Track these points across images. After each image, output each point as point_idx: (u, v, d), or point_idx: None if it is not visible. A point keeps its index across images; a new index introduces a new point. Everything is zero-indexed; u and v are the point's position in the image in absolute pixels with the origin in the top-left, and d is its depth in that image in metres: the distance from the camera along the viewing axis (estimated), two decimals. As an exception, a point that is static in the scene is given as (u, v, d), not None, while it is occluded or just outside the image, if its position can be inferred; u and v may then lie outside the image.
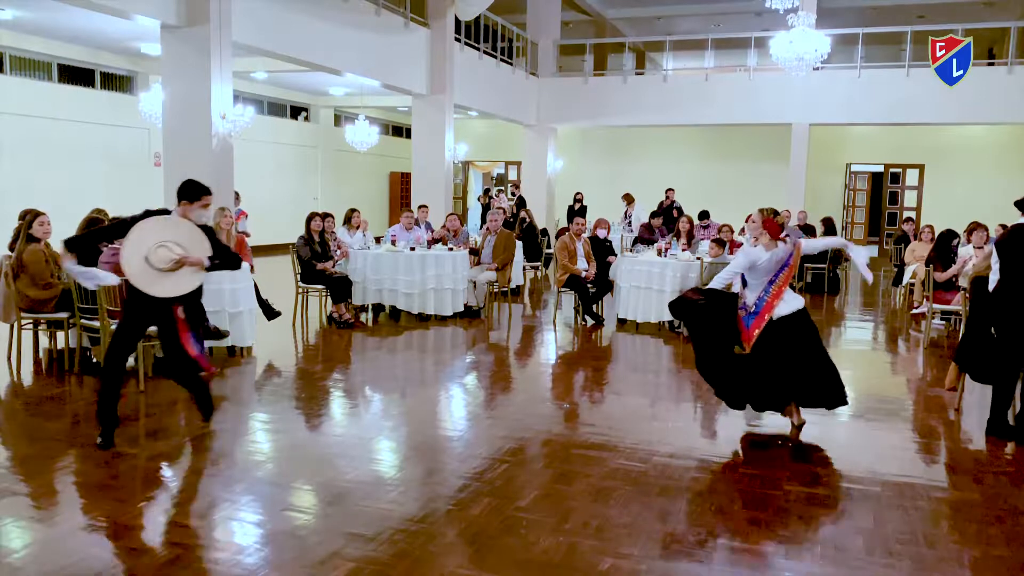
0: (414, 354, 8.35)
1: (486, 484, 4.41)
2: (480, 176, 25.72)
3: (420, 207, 11.71)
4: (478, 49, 17.06)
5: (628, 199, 16.76)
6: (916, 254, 11.09)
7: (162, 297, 4.81)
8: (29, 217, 6.72)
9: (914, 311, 10.54)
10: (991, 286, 5.57)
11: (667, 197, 16.12)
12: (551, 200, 20.38)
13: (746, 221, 6.02)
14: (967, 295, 6.46)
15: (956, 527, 4.02)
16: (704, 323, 5.42)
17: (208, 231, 5.00)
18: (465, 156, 22.04)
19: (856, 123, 19.09)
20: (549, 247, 14.04)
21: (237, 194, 11.42)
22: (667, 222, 13.58)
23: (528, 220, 14.01)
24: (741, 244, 10.71)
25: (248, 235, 10.49)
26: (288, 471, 4.69)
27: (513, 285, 10.68)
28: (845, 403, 5.44)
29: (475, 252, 10.50)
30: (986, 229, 9.33)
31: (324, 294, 9.46)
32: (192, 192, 4.95)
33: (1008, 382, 5.42)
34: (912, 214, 20.12)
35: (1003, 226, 11.96)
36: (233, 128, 10.30)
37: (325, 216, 9.62)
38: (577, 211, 16.69)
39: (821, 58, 13.02)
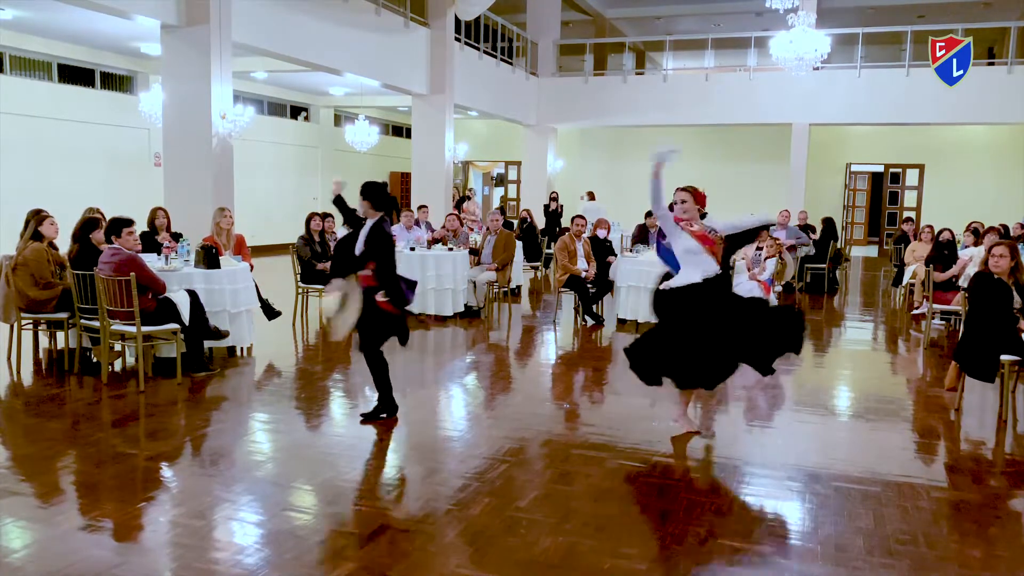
0: (414, 354, 8.34)
1: (486, 484, 4.40)
2: (480, 176, 25.71)
3: (420, 207, 11.69)
4: (478, 49, 17.06)
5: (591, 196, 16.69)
6: (916, 254, 11.09)
7: None
8: (37, 217, 6.72)
9: (914, 311, 10.53)
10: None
11: None
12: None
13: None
14: (967, 294, 6.45)
15: (956, 527, 4.02)
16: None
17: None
18: (465, 156, 22.03)
19: (856, 123, 19.09)
20: (549, 247, 14.03)
21: None
22: None
23: (528, 220, 14.00)
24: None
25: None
26: (288, 471, 4.69)
27: (513, 285, 10.67)
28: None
29: (475, 252, 10.50)
30: (998, 232, 9.33)
31: (324, 294, 9.44)
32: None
33: None
34: (912, 214, 20.12)
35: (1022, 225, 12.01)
36: (233, 128, 10.30)
37: (325, 216, 9.62)
38: (552, 212, 16.26)
39: (821, 58, 13.04)
